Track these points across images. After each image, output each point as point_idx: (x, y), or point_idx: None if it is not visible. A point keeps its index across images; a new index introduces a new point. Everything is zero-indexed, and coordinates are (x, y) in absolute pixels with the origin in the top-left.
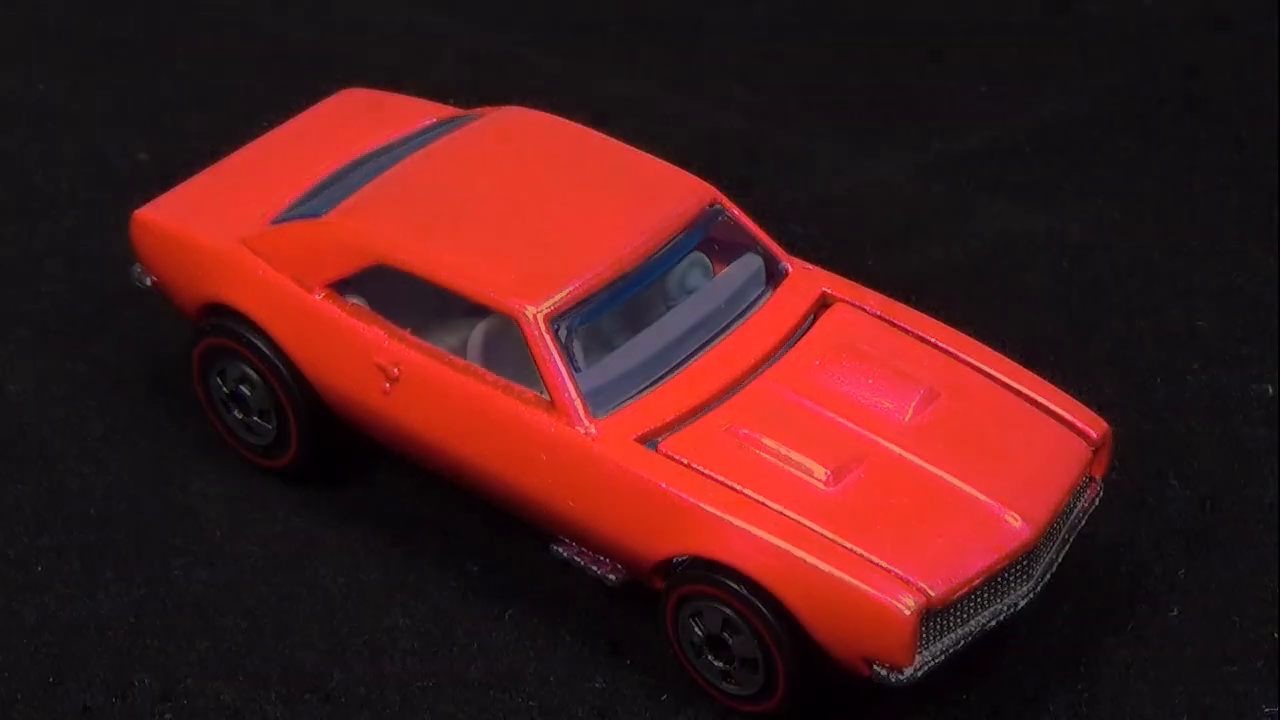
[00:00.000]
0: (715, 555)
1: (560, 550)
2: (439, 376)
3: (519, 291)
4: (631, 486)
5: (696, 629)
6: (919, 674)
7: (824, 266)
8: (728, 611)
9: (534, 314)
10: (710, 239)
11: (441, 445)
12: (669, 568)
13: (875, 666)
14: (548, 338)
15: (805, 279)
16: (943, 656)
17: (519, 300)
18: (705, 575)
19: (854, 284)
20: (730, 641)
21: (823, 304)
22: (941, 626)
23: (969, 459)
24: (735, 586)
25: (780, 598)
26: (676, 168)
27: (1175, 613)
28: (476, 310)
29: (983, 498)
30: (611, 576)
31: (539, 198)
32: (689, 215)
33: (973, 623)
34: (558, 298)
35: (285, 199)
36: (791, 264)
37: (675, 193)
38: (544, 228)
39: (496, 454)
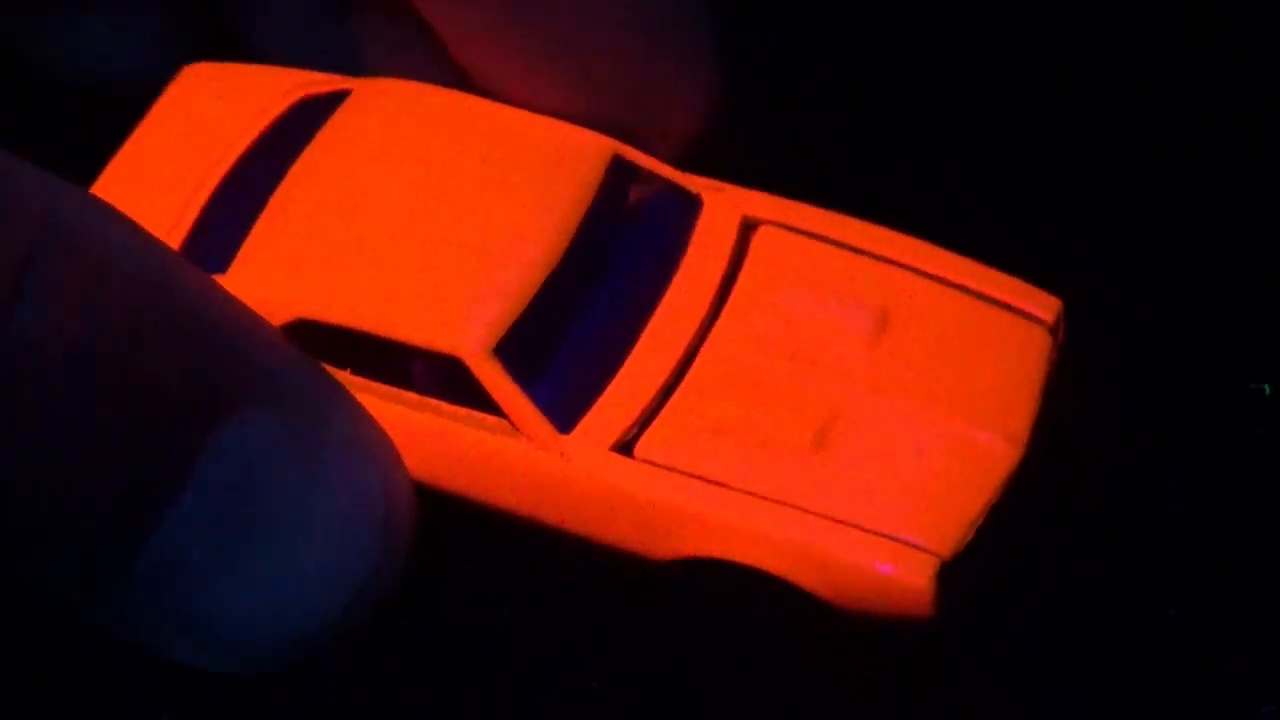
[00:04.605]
0: (722, 555)
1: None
2: (396, 417)
3: (453, 330)
4: (620, 502)
5: None
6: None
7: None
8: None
9: (477, 351)
10: (622, 189)
11: (419, 479)
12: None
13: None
14: (497, 370)
15: (723, 205)
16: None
17: (456, 340)
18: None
19: (770, 197)
20: None
21: (747, 227)
22: (957, 567)
23: (939, 385)
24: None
25: (796, 583)
26: (568, 125)
27: (1175, 613)
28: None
29: (964, 427)
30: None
31: (441, 202)
32: (596, 179)
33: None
34: (495, 324)
35: (173, 228)
36: (705, 190)
37: (576, 157)
38: (456, 240)
39: (474, 484)
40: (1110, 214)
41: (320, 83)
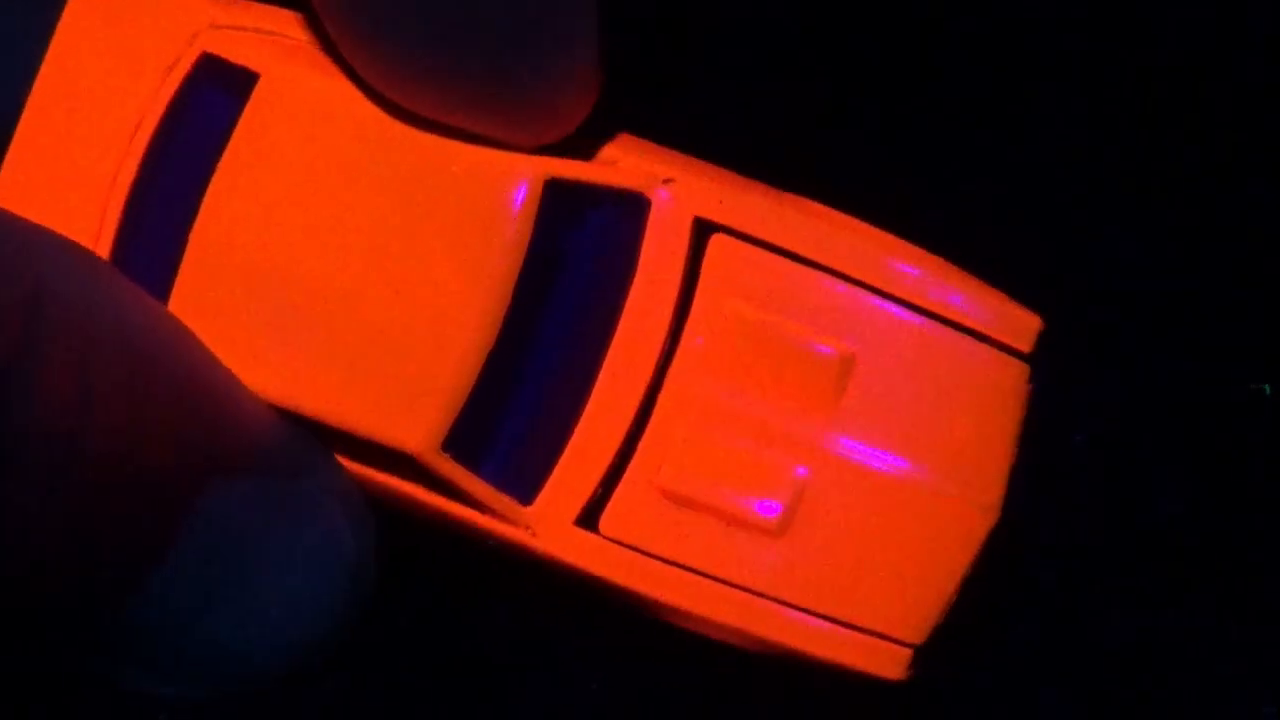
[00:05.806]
0: (693, 630)
1: None
2: (359, 475)
3: (401, 428)
4: (590, 578)
5: None
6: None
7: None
8: None
9: (428, 450)
10: (559, 213)
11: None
12: None
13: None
14: (450, 463)
15: (671, 209)
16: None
17: (405, 439)
18: None
19: (725, 187)
20: None
21: (700, 232)
22: (932, 642)
23: (907, 449)
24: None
25: (767, 657)
26: (490, 151)
27: (1175, 613)
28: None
29: (935, 499)
30: None
31: (370, 252)
32: (531, 213)
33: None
34: (443, 417)
35: (95, 239)
36: (649, 188)
37: (505, 189)
38: (391, 306)
39: (446, 533)
40: (1109, 213)
41: (222, 23)
